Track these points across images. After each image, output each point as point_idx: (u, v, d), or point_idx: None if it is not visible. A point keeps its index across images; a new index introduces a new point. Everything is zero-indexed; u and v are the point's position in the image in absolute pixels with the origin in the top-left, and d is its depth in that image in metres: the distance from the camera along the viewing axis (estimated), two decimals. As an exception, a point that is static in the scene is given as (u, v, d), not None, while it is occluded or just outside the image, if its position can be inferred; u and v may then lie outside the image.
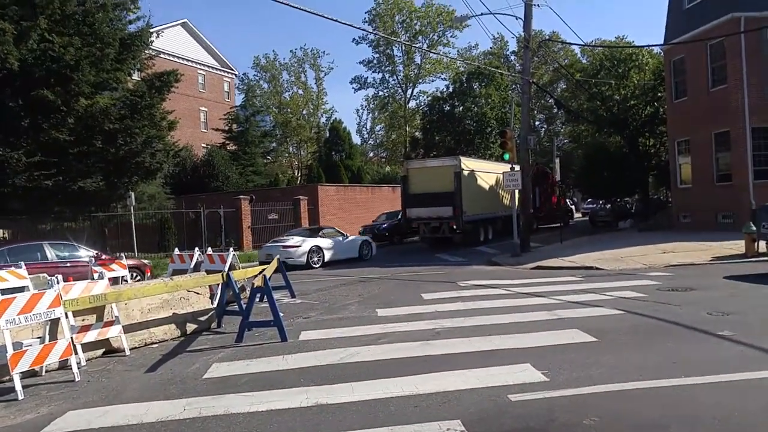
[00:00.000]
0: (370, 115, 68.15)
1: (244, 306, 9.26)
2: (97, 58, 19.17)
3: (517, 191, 22.24)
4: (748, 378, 5.69)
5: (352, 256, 21.15)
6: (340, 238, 21.24)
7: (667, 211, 30.34)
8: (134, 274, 15.15)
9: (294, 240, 19.99)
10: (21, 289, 7.56)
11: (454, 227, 24.05)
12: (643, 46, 37.45)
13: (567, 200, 39.92)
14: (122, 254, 16.61)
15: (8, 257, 13.84)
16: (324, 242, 20.35)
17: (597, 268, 15.34)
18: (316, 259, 19.77)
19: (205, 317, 9.87)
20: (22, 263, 9.53)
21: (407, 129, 60.85)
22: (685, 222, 24.87)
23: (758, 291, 10.75)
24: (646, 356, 6.64)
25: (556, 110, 58.76)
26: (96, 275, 9.05)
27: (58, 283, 7.36)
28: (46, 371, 7.35)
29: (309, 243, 19.82)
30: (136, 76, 24.28)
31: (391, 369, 6.61)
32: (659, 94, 33.42)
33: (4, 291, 7.27)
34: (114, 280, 11.44)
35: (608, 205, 37.10)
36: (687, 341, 7.30)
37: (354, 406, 5.47)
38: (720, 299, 9.95)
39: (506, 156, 23.15)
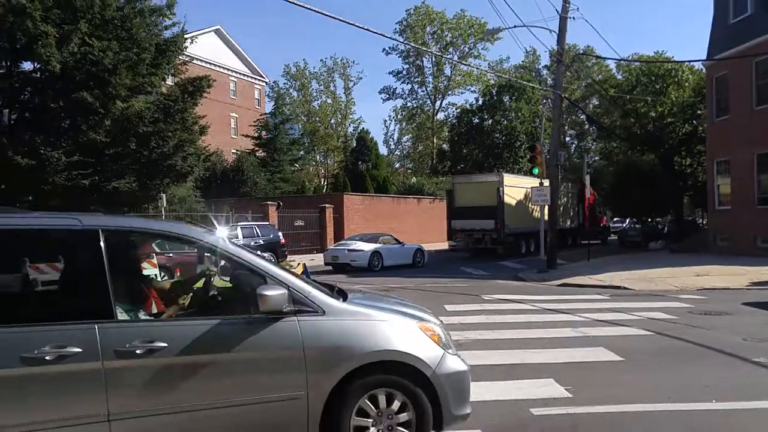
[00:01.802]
0: (398, 125, 68.39)
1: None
2: (134, 62, 19.55)
3: (546, 207, 22.10)
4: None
5: (406, 262, 22.19)
6: (397, 246, 22.36)
7: (702, 233, 29.65)
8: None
9: (358, 245, 21.37)
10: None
11: (495, 239, 25.28)
12: (684, 62, 36.36)
13: (605, 217, 40.17)
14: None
15: (167, 244, 14.93)
16: (383, 248, 21.54)
17: (625, 288, 15.08)
18: (376, 262, 20.95)
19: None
20: (61, 257, 9.72)
21: (434, 141, 60.84)
22: (721, 245, 24.14)
23: (794, 318, 10.42)
24: (675, 378, 6.49)
25: (587, 126, 58.20)
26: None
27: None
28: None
29: (370, 248, 21.12)
30: (169, 81, 24.70)
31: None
32: (699, 112, 32.60)
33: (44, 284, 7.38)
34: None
35: (638, 225, 36.54)
36: (719, 366, 7.09)
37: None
38: (756, 325, 9.62)
39: (535, 171, 23.07)
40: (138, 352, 3.44)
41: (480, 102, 48.40)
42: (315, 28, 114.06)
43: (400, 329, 4.16)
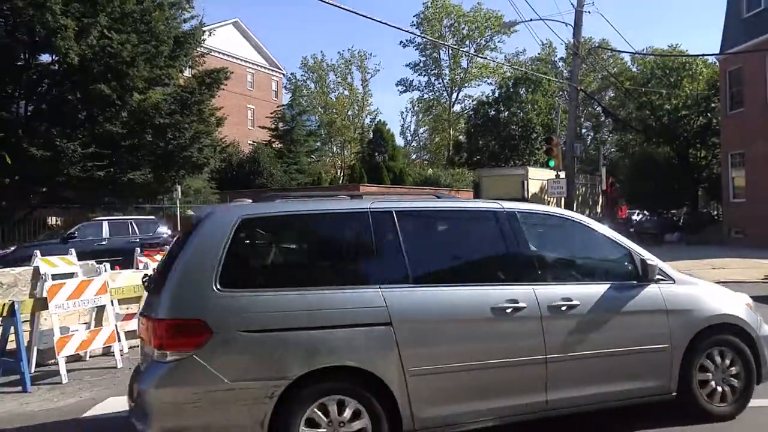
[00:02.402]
0: (414, 117, 68.20)
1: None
2: (152, 55, 19.71)
3: (563, 199, 22.03)
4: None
5: None
6: None
7: (717, 226, 29.44)
8: None
9: None
10: (70, 275, 7.83)
11: None
12: (698, 56, 36.48)
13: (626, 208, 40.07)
14: None
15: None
16: None
17: (639, 281, 14.92)
18: None
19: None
20: (72, 250, 9.86)
21: (451, 132, 60.62)
22: (737, 237, 23.93)
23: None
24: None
25: (603, 118, 57.65)
26: (141, 265, 9.28)
27: (105, 270, 7.61)
28: (90, 356, 7.55)
29: None
30: (187, 73, 24.88)
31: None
32: (713, 105, 32.54)
33: (55, 276, 7.54)
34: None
35: (654, 217, 36.24)
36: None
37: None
38: (769, 319, 9.52)
39: (551, 163, 22.93)
40: (563, 308, 4.34)
41: (496, 94, 48.07)
42: (333, 20, 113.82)
43: (730, 297, 5.09)
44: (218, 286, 3.71)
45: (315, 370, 3.72)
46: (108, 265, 7.89)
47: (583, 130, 59.49)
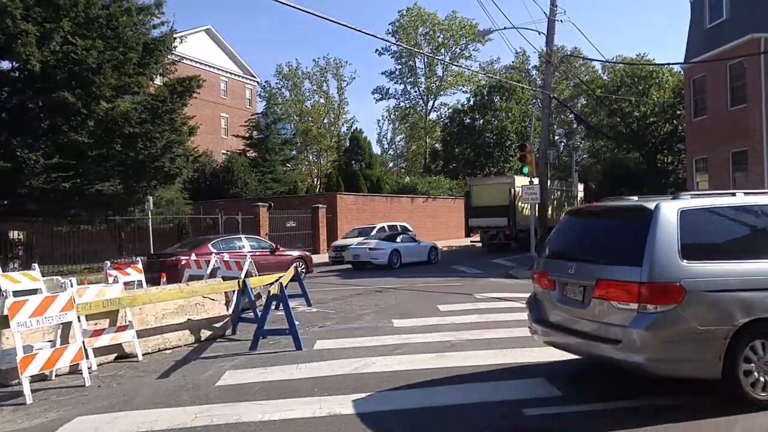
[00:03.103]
0: (391, 125, 68.29)
1: (259, 313, 9.16)
2: (120, 62, 19.23)
3: (537, 205, 22.20)
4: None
5: (422, 259, 22.94)
6: (413, 244, 23.20)
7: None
8: (300, 263, 16.28)
9: (378, 243, 22.06)
10: (33, 292, 7.50)
11: (509, 234, 27.58)
12: (664, 64, 37.88)
13: None
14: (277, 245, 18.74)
15: (221, 245, 16.15)
16: (401, 246, 22.32)
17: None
18: (395, 260, 21.61)
19: (220, 324, 9.76)
20: (36, 265, 9.49)
21: (427, 140, 60.84)
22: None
23: None
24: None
25: (575, 125, 58.43)
26: (111, 279, 8.97)
27: (72, 286, 7.31)
28: (56, 375, 7.24)
29: (390, 246, 21.89)
30: (158, 81, 24.41)
31: (405, 380, 6.48)
32: (678, 112, 33.49)
33: (17, 293, 7.20)
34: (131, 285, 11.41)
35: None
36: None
37: (368, 417, 5.37)
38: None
39: (525, 169, 23.11)
40: None
41: (471, 102, 48.51)
42: (308, 28, 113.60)
43: None
44: (683, 259, 5.14)
45: (752, 320, 5.08)
46: (74, 279, 7.58)
47: (556, 137, 60.13)
